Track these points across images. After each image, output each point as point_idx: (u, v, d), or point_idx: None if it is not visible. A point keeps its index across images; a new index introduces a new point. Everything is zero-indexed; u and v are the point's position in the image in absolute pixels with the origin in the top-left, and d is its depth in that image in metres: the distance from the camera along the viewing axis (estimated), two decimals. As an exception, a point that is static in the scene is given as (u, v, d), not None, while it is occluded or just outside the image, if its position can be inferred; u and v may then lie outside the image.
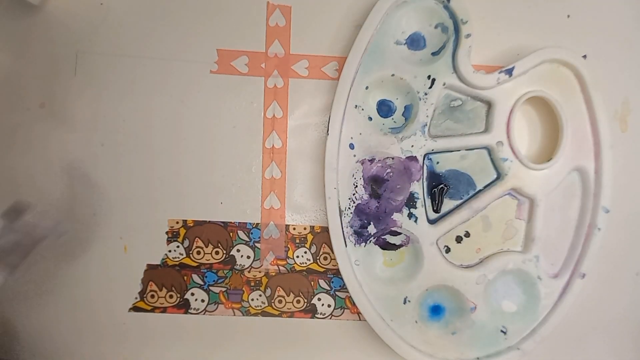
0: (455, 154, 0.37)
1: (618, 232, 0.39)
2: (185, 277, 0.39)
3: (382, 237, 0.37)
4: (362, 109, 0.37)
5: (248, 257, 0.39)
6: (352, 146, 0.36)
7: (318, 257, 0.39)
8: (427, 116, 0.37)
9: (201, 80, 0.38)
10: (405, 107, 0.38)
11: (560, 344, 0.40)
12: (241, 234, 0.39)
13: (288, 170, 0.39)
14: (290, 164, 0.39)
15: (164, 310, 0.39)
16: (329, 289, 0.39)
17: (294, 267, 0.39)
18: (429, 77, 0.36)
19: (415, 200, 0.37)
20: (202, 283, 0.39)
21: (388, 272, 0.38)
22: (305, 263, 0.39)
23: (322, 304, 0.39)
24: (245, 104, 0.39)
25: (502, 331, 0.37)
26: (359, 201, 0.36)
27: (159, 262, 0.39)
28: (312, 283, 0.39)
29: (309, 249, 0.39)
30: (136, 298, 0.39)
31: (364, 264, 0.37)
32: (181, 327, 0.39)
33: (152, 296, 0.39)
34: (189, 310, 0.39)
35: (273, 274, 0.39)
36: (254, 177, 0.39)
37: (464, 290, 0.37)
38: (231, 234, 0.39)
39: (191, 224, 0.39)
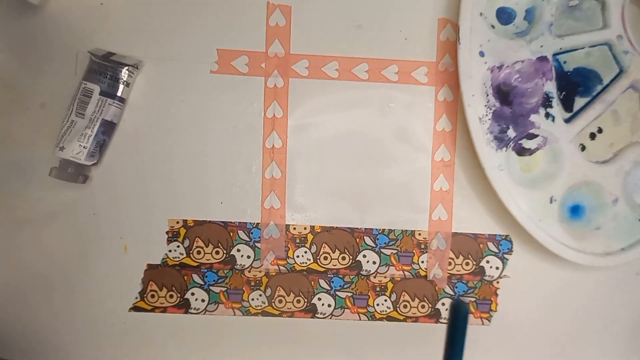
0: (579, 52, 0.39)
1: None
2: (185, 277, 0.39)
3: (519, 141, 0.38)
4: (486, 17, 0.38)
5: (248, 257, 0.39)
6: (482, 54, 0.37)
7: (318, 257, 0.39)
8: (551, 15, 0.38)
9: (201, 80, 0.38)
10: (526, 10, 0.38)
11: (561, 344, 0.40)
12: (241, 233, 0.39)
13: (288, 170, 0.39)
14: (290, 164, 0.39)
15: (164, 310, 0.39)
16: (329, 288, 0.39)
17: (294, 267, 0.39)
18: None
19: (551, 99, 0.38)
20: (202, 283, 0.39)
21: (527, 176, 0.39)
22: (306, 263, 0.39)
23: (322, 304, 0.39)
24: (246, 104, 0.39)
25: None
26: (494, 107, 0.37)
27: (159, 262, 0.39)
28: (312, 283, 0.39)
29: (309, 249, 0.39)
30: (136, 298, 0.39)
31: (506, 169, 0.37)
32: (181, 327, 0.39)
33: (153, 296, 0.39)
34: (189, 310, 0.39)
35: (273, 273, 0.39)
36: (254, 177, 0.39)
37: (605, 183, 0.38)
38: (231, 233, 0.39)
39: (191, 224, 0.39)
